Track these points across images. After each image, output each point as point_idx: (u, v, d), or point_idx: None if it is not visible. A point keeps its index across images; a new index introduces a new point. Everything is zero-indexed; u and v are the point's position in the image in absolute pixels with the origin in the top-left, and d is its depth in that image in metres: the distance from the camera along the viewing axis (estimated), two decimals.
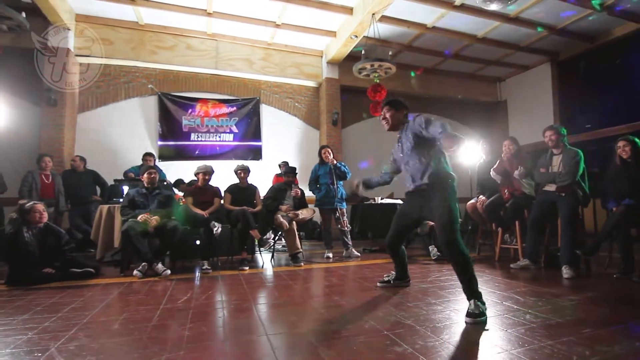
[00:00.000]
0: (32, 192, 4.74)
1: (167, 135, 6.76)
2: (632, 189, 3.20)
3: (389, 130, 2.62)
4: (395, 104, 2.58)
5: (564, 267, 3.21)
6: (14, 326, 2.02)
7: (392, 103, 2.59)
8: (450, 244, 2.19)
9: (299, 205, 4.56)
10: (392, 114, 2.56)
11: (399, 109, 2.58)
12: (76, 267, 3.45)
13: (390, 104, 2.59)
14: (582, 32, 6.78)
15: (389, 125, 2.59)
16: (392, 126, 2.59)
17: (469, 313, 2.01)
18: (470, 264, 2.17)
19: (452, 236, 2.19)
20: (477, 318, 1.97)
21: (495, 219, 4.21)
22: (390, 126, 2.59)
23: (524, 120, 8.50)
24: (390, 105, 2.58)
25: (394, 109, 2.57)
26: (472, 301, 2.08)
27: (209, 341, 1.77)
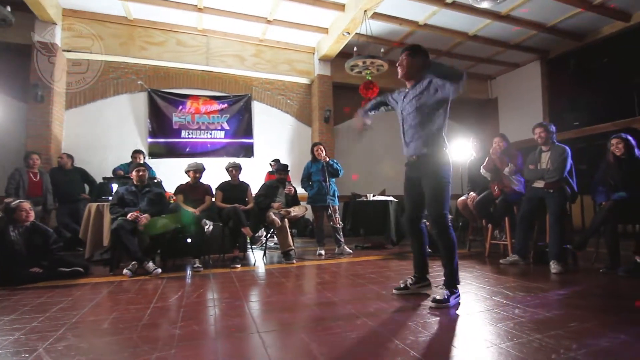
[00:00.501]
0: (19, 190, 4.65)
1: (157, 132, 6.68)
2: (625, 183, 3.26)
3: (400, 77, 2.43)
4: (413, 51, 2.36)
5: (552, 263, 3.27)
6: (0, 327, 1.98)
7: (412, 49, 2.37)
8: (441, 227, 2.26)
9: (291, 203, 4.56)
10: (410, 61, 2.36)
11: (415, 56, 2.35)
12: (64, 267, 3.40)
13: (410, 50, 2.37)
14: (571, 30, 6.86)
15: (401, 72, 2.41)
16: (406, 74, 2.40)
17: (435, 299, 2.18)
18: (456, 252, 2.27)
19: (443, 217, 2.25)
20: (441, 304, 2.15)
21: (485, 216, 4.26)
22: (403, 74, 2.40)
23: (514, 117, 8.60)
24: (411, 51, 2.36)
25: (411, 57, 2.35)
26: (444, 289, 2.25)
27: (201, 339, 1.76)
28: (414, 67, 2.37)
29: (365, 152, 8.28)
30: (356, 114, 2.72)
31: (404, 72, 2.41)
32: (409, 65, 2.38)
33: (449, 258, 2.28)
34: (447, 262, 2.29)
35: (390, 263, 3.93)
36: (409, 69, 2.39)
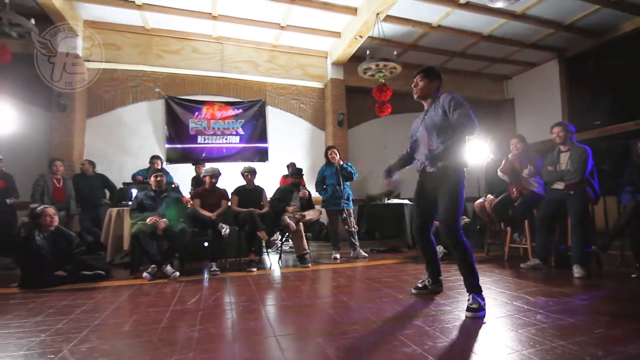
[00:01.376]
0: (44, 196, 4.81)
1: (174, 138, 6.82)
2: None
3: (416, 99, 2.53)
4: (429, 74, 2.46)
5: (575, 267, 3.17)
6: (28, 328, 2.06)
7: (426, 72, 2.48)
8: (452, 232, 2.26)
9: (305, 206, 4.57)
10: (425, 84, 2.45)
11: (432, 79, 2.46)
12: (87, 270, 3.49)
13: (424, 73, 2.47)
14: (590, 28, 6.69)
15: (416, 95, 2.50)
16: (420, 96, 2.50)
17: (468, 307, 2.10)
18: (470, 254, 2.25)
19: (453, 223, 2.26)
20: (476, 312, 2.05)
21: (503, 219, 4.17)
22: (418, 95, 2.50)
23: (531, 118, 8.42)
24: (424, 73, 2.47)
25: (427, 79, 2.45)
26: (471, 295, 2.17)
27: (218, 342, 1.79)
28: (428, 88, 2.46)
29: (379, 155, 8.23)
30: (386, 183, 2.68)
31: (418, 93, 2.50)
32: (423, 86, 2.47)
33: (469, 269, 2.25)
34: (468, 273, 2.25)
35: (406, 267, 3.89)
36: (423, 92, 2.48)
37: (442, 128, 2.34)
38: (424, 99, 2.51)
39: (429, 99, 2.49)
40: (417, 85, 2.49)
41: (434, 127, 2.38)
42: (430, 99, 2.49)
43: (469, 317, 2.04)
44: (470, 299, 2.15)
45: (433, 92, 2.48)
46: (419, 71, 2.50)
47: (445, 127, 2.32)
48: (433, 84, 2.47)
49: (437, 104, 2.41)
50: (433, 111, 2.41)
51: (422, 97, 2.51)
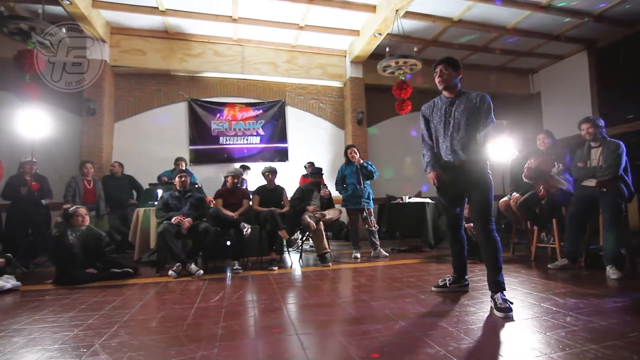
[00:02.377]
0: (75, 197, 5.04)
1: (197, 140, 6.98)
2: None
3: (442, 89, 2.49)
4: (453, 63, 2.44)
5: (609, 268, 3.04)
6: (62, 323, 2.16)
7: (450, 61, 2.44)
8: (485, 228, 2.27)
9: (326, 206, 4.58)
10: (450, 73, 2.42)
11: (456, 69, 2.44)
12: (116, 268, 3.64)
13: (448, 62, 2.44)
14: (620, 17, 6.37)
15: (443, 84, 2.45)
16: (447, 86, 2.45)
17: (499, 308, 2.05)
18: (500, 253, 2.25)
19: (488, 221, 2.28)
20: (508, 312, 2.01)
21: (530, 217, 4.04)
22: (445, 86, 2.45)
23: (559, 112, 8.09)
24: (448, 63, 2.43)
25: (451, 68, 2.42)
26: (498, 294, 2.13)
27: (241, 339, 1.82)
28: (453, 77, 2.44)
29: (399, 153, 8.15)
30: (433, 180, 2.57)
31: (444, 84, 2.46)
32: (449, 76, 2.44)
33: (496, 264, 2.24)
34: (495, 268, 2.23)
35: (428, 267, 3.83)
36: (450, 82, 2.44)
37: (470, 125, 2.34)
38: (449, 89, 2.47)
39: (453, 91, 2.47)
40: (442, 75, 2.44)
41: (460, 122, 2.37)
42: (453, 90, 2.47)
43: (501, 317, 1.99)
44: (498, 298, 2.11)
45: (456, 83, 2.46)
46: (440, 61, 2.46)
47: (473, 124, 2.33)
48: (457, 74, 2.45)
49: (465, 99, 2.40)
50: (459, 106, 2.40)
51: (448, 88, 2.47)
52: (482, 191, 2.32)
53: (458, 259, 2.67)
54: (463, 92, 2.46)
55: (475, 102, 2.35)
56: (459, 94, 2.46)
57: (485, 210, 2.30)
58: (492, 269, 2.23)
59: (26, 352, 1.73)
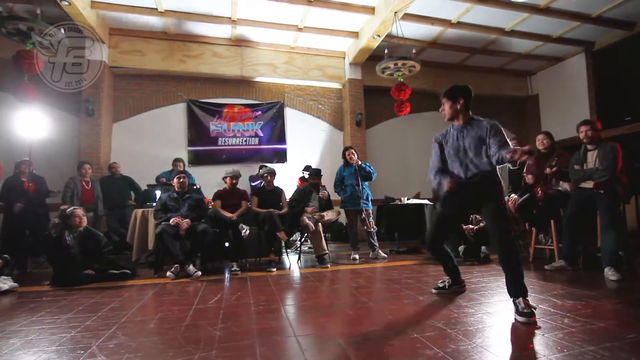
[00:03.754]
0: (73, 197, 5.02)
1: (196, 141, 6.98)
2: None
3: (447, 121, 2.54)
4: (450, 94, 2.46)
5: (607, 269, 3.04)
6: (59, 325, 2.15)
7: (447, 94, 2.48)
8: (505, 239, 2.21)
9: (324, 207, 4.58)
10: (449, 106, 2.46)
11: (455, 99, 2.44)
12: (114, 269, 3.62)
13: (446, 95, 2.48)
14: (619, 19, 6.41)
15: (446, 118, 2.52)
16: (449, 119, 2.51)
17: (521, 312, 1.98)
18: (521, 260, 2.20)
19: (507, 232, 2.24)
20: (530, 317, 1.94)
21: (528, 219, 4.05)
22: (447, 118, 2.52)
23: (557, 114, 8.12)
24: (447, 96, 2.47)
25: (450, 100, 2.46)
26: (520, 299, 2.06)
27: (240, 341, 1.81)
28: (454, 108, 2.45)
29: (398, 155, 8.16)
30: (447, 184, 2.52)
31: (446, 117, 2.51)
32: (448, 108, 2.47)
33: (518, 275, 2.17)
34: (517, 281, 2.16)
35: (427, 268, 3.83)
36: (449, 113, 2.47)
37: (478, 152, 2.34)
38: (454, 120, 2.50)
39: (461, 119, 2.46)
40: (443, 110, 2.51)
41: (471, 148, 2.37)
42: (461, 117, 2.45)
43: (522, 322, 1.93)
44: (520, 302, 2.03)
45: (461, 110, 2.44)
46: (444, 94, 2.49)
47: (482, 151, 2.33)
48: (458, 103, 2.43)
49: (476, 127, 2.38)
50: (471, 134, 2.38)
51: (452, 119, 2.50)
52: (496, 201, 2.28)
53: (449, 268, 2.68)
54: (474, 119, 2.44)
55: (484, 130, 2.32)
56: (468, 121, 2.44)
57: (502, 220, 2.26)
58: (514, 277, 2.16)
59: (23, 353, 1.72)
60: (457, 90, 2.45)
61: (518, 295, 2.09)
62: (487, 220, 2.36)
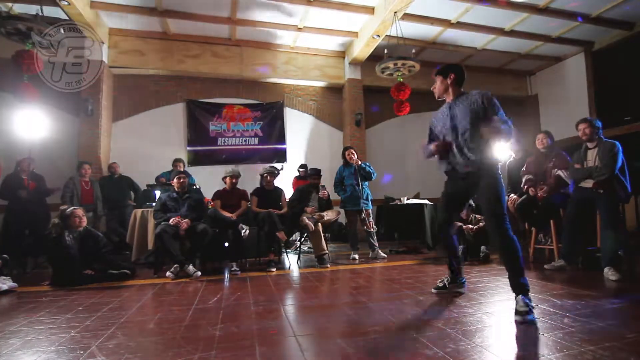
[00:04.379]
0: (73, 198, 5.01)
1: (195, 141, 6.97)
2: None
3: (438, 98, 2.59)
4: (442, 71, 2.51)
5: (607, 269, 3.04)
6: (58, 325, 2.15)
7: (439, 70, 2.53)
8: (500, 228, 2.18)
9: (324, 207, 4.58)
10: (440, 81, 2.51)
11: (445, 74, 2.49)
12: (113, 269, 3.62)
13: (437, 72, 2.54)
14: (618, 19, 6.41)
15: (436, 94, 2.57)
16: (439, 95, 2.55)
17: (516, 311, 1.98)
18: (518, 249, 2.15)
19: (502, 220, 2.19)
20: (525, 316, 1.92)
21: (528, 219, 4.05)
22: (437, 95, 2.57)
23: (556, 114, 8.13)
24: (438, 72, 2.54)
25: (440, 76, 2.51)
26: (520, 297, 2.04)
27: (239, 341, 1.81)
28: (444, 84, 2.49)
29: (397, 154, 8.15)
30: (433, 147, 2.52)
31: (437, 93, 2.57)
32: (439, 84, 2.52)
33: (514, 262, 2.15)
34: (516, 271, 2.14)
35: (426, 268, 3.83)
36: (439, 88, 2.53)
37: (474, 124, 2.30)
38: (444, 95, 2.54)
39: (451, 94, 2.48)
40: (434, 87, 2.56)
41: (463, 122, 2.35)
42: (451, 93, 2.48)
43: (518, 321, 1.92)
44: (518, 300, 2.02)
45: (452, 85, 2.47)
46: (436, 72, 2.55)
47: (477, 124, 2.28)
48: (449, 79, 2.47)
49: (465, 99, 2.39)
50: (460, 107, 2.38)
51: (442, 94, 2.54)
52: (493, 191, 2.24)
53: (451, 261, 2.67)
54: (463, 92, 2.47)
55: (477, 100, 2.31)
56: (458, 96, 2.46)
57: (499, 209, 2.21)
58: (513, 271, 2.13)
59: (22, 354, 1.72)
60: (448, 66, 2.52)
61: (517, 292, 2.08)
62: (483, 209, 2.33)
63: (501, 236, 2.18)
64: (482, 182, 2.30)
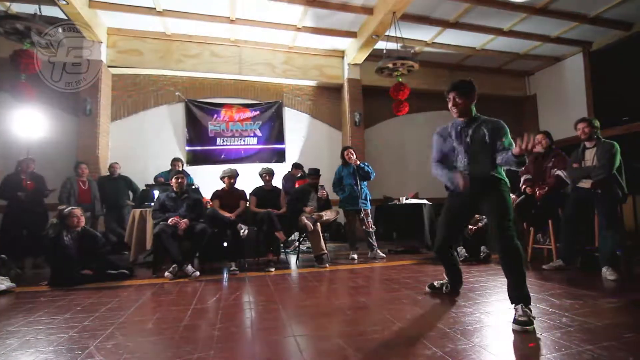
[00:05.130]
0: (70, 198, 5.00)
1: (194, 141, 6.96)
2: None
3: (457, 117, 2.40)
4: (466, 91, 2.33)
5: (605, 269, 3.05)
6: (57, 325, 2.14)
7: (462, 89, 2.33)
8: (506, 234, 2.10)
9: (323, 207, 4.58)
10: (464, 102, 2.33)
11: (470, 96, 2.33)
12: (112, 269, 3.61)
13: (460, 91, 2.33)
14: (616, 20, 6.42)
15: (458, 114, 2.38)
16: (461, 114, 2.37)
17: (516, 320, 1.88)
18: (522, 260, 2.08)
19: (507, 225, 2.12)
20: (525, 326, 1.82)
21: (526, 218, 4.06)
22: (459, 115, 2.38)
23: (555, 114, 8.14)
24: (460, 92, 2.33)
25: (464, 97, 2.32)
26: (520, 306, 1.95)
27: (238, 341, 1.81)
28: (468, 105, 2.35)
29: (397, 154, 8.16)
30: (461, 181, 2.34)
31: (459, 113, 2.38)
32: (464, 105, 2.35)
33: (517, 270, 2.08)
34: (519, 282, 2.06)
35: (425, 268, 3.83)
36: (464, 109, 2.36)
37: (486, 151, 2.25)
38: (463, 116, 2.39)
39: (467, 116, 2.38)
40: (456, 105, 2.35)
41: (476, 148, 2.29)
42: (467, 116, 2.38)
43: (517, 330, 1.83)
44: (519, 310, 1.93)
45: (471, 108, 2.37)
46: (452, 88, 2.36)
47: (489, 150, 2.24)
48: (471, 100, 2.35)
49: (480, 124, 2.31)
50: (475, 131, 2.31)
51: (463, 115, 2.39)
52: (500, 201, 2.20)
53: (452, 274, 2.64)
54: (479, 117, 2.38)
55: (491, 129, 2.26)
56: (473, 119, 2.37)
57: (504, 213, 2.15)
58: (515, 279, 2.06)
59: (20, 354, 1.71)
60: (472, 86, 2.35)
61: (518, 302, 1.98)
62: (488, 214, 2.27)
63: (507, 245, 2.10)
64: (490, 195, 2.24)
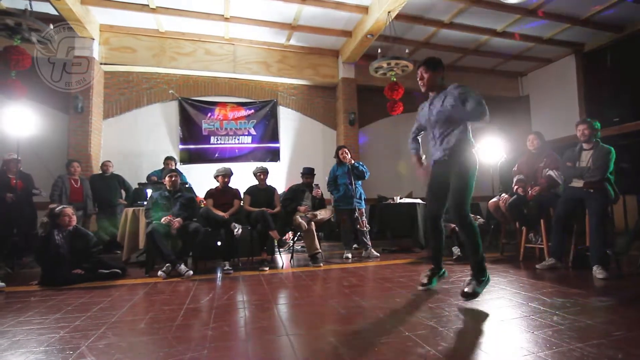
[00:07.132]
0: (62, 196, 4.94)
1: (188, 139, 6.92)
2: None
3: (424, 91, 2.62)
4: (433, 65, 2.53)
5: (595, 268, 3.09)
6: (47, 325, 2.12)
7: (429, 63, 2.54)
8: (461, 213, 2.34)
9: (317, 206, 4.58)
10: (430, 76, 2.53)
11: (436, 70, 2.53)
12: (104, 268, 3.58)
13: (427, 65, 2.53)
14: (608, 22, 6.51)
15: (424, 87, 2.58)
16: (428, 88, 2.57)
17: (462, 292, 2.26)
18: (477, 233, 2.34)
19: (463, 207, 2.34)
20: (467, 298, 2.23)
21: (518, 218, 4.10)
22: (426, 88, 2.58)
23: (547, 115, 8.24)
24: (428, 65, 2.53)
25: (431, 70, 2.52)
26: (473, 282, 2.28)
27: (232, 341, 1.80)
28: (434, 79, 2.54)
29: (391, 154, 8.19)
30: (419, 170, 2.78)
31: (425, 86, 2.58)
32: (429, 79, 2.55)
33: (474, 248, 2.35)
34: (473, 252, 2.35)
35: (418, 267, 3.85)
36: (430, 84, 2.56)
37: (451, 118, 2.43)
38: (431, 90, 2.60)
39: (435, 91, 2.58)
40: (422, 78, 2.57)
41: (442, 117, 2.47)
42: (435, 90, 2.57)
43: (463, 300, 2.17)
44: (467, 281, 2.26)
45: (437, 83, 2.55)
46: (420, 64, 2.58)
47: (454, 116, 2.42)
48: (437, 74, 2.53)
49: (445, 94, 2.49)
50: (440, 101, 2.50)
51: (430, 89, 2.59)
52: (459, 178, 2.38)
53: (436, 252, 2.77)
54: (445, 88, 2.54)
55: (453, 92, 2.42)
56: (442, 91, 2.54)
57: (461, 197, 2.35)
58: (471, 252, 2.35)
59: (10, 354, 1.69)
60: (438, 61, 2.55)
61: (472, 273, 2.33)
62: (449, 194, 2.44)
63: (462, 222, 2.34)
64: (454, 170, 2.43)
